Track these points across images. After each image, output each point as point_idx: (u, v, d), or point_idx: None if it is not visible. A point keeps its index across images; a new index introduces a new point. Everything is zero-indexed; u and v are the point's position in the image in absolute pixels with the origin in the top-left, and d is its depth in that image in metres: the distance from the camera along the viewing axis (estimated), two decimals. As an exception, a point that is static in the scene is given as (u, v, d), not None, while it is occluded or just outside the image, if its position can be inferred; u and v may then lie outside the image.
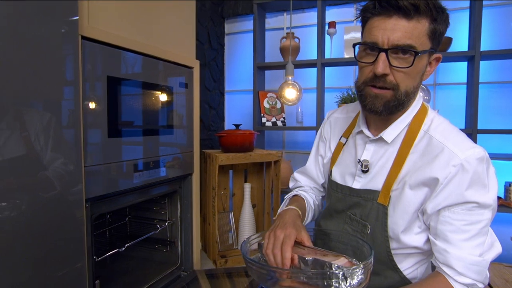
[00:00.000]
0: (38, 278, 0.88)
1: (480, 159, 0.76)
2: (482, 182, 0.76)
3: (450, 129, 0.84)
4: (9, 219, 0.80)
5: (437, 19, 0.76)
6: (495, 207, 0.78)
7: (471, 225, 0.76)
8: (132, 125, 1.21)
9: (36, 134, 0.86)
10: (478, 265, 0.75)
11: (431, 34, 0.77)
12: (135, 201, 1.29)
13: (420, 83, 0.84)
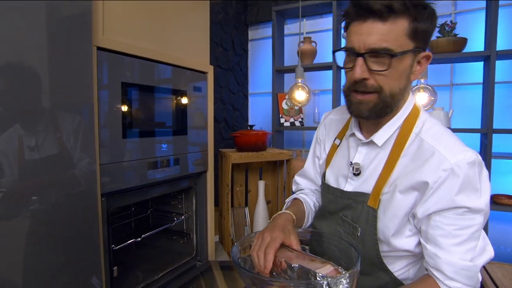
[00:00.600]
0: (60, 261, 0.93)
1: (471, 163, 0.70)
2: (473, 186, 0.70)
3: (441, 132, 0.77)
4: (39, 211, 0.85)
5: (418, 18, 0.70)
6: (487, 211, 0.72)
7: (462, 230, 0.70)
8: (146, 126, 1.23)
9: (56, 136, 0.90)
10: (469, 270, 0.70)
11: (412, 34, 0.70)
12: (150, 196, 1.32)
13: (409, 84, 0.78)
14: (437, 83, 2.32)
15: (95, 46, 1.02)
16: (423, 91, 1.33)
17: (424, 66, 0.78)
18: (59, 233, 0.92)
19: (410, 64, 0.74)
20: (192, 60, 1.44)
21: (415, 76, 0.78)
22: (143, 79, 1.22)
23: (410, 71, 0.76)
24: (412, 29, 0.70)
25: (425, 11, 0.71)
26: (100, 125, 1.04)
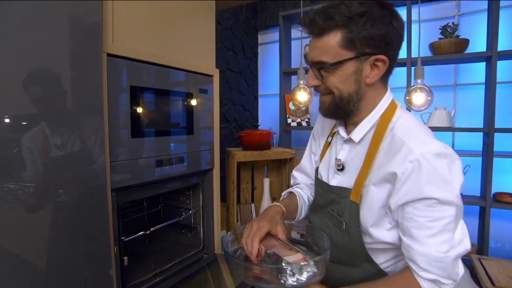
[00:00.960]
0: (75, 250, 0.97)
1: (437, 155, 0.68)
2: (441, 178, 0.68)
3: (412, 126, 0.76)
4: (56, 204, 0.90)
5: (352, 28, 0.71)
6: (460, 204, 0.70)
7: (434, 222, 0.69)
8: (153, 127, 1.27)
9: (71, 135, 0.95)
10: (441, 262, 0.69)
11: (348, 43, 0.72)
12: (158, 192, 1.35)
13: (363, 87, 0.77)
14: (441, 83, 2.28)
15: (105, 53, 1.07)
16: (419, 91, 1.31)
17: (379, 69, 0.76)
18: (73, 224, 0.97)
19: (354, 71, 0.75)
20: (199, 64, 1.47)
21: (372, 79, 0.76)
22: (150, 83, 1.25)
23: (360, 76, 0.76)
24: (347, 39, 0.71)
25: (361, 19, 0.70)
26: (110, 125, 1.08)
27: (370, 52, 0.73)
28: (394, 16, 0.73)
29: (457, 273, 0.71)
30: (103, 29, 1.04)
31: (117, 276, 1.13)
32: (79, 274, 1.00)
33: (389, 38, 0.73)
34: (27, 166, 0.87)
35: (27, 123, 0.87)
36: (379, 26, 0.71)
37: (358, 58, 0.73)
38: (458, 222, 0.72)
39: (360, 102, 0.79)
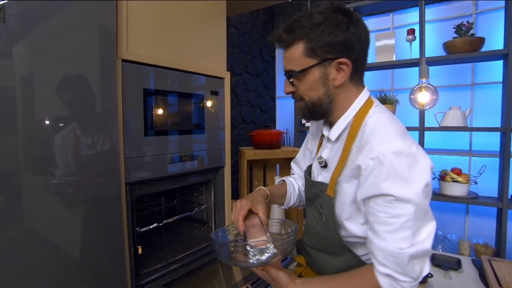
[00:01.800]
0: (94, 238, 1.06)
1: (397, 153, 0.69)
2: (400, 176, 0.68)
3: (380, 124, 0.77)
4: (79, 196, 0.98)
5: (311, 37, 0.75)
6: (419, 203, 0.68)
7: (393, 218, 0.69)
8: (165, 126, 1.33)
9: (89, 135, 1.03)
10: (397, 257, 0.69)
11: (310, 51, 0.76)
12: (170, 186, 1.41)
13: (332, 89, 0.80)
14: (457, 83, 2.19)
15: (120, 59, 1.14)
16: (424, 90, 1.28)
17: (346, 71, 0.78)
18: (91, 215, 1.05)
19: (320, 75, 0.78)
20: (210, 68, 1.53)
21: (339, 81, 0.79)
22: (163, 85, 1.32)
23: (327, 79, 0.79)
24: (309, 49, 0.76)
25: (319, 28, 0.74)
26: (124, 125, 1.15)
27: (331, 57, 0.77)
28: (352, 22, 0.76)
29: (415, 271, 0.70)
30: (117, 37, 1.12)
31: (130, 264, 1.19)
32: (96, 260, 1.08)
33: (348, 42, 0.76)
34: (58, 163, 0.96)
35: (58, 124, 0.96)
36: (336, 33, 0.75)
37: (321, 64, 0.77)
38: (423, 221, 0.70)
39: (332, 103, 0.82)
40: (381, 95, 2.17)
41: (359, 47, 0.78)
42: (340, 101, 0.82)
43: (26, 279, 0.89)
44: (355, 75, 0.81)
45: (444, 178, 2.00)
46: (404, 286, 0.70)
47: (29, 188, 0.90)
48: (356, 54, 0.77)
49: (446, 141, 2.28)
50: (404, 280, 0.70)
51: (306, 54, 0.77)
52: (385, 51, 2.17)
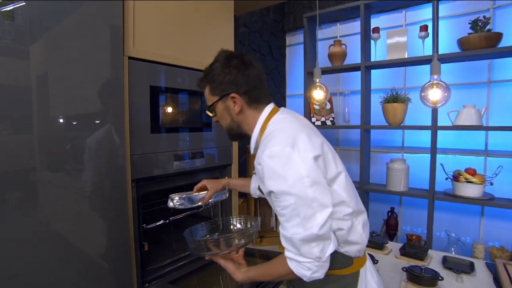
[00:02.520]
0: (102, 233, 1.07)
1: (270, 156, 0.82)
2: (276, 174, 0.81)
3: (269, 133, 0.90)
4: (87, 192, 0.99)
5: (210, 81, 0.98)
6: (299, 193, 0.79)
7: (284, 210, 0.82)
8: (172, 123, 1.33)
9: (96, 131, 1.04)
10: (291, 242, 0.82)
11: (212, 91, 0.99)
12: (177, 184, 1.41)
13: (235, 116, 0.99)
14: (472, 80, 2.11)
15: (127, 56, 1.14)
16: (436, 87, 1.23)
17: (239, 103, 0.96)
18: (98, 210, 1.06)
19: (223, 108, 0.99)
20: (217, 65, 1.52)
21: (237, 110, 0.97)
22: (170, 83, 1.32)
23: (229, 110, 0.98)
24: (211, 89, 0.99)
25: (214, 73, 0.96)
26: (131, 122, 1.16)
27: (226, 93, 0.96)
28: (244, 63, 0.95)
29: (313, 252, 0.80)
30: (124, 35, 1.12)
31: (136, 260, 1.20)
32: (103, 256, 1.08)
33: (235, 81, 0.94)
34: (68, 159, 0.98)
35: (70, 122, 0.98)
36: (226, 75, 0.95)
37: (221, 99, 0.98)
38: (310, 208, 0.80)
39: (241, 126, 1.01)
40: (392, 93, 2.12)
41: (248, 82, 0.95)
42: (246, 124, 1.00)
43: (37, 271, 0.91)
44: (251, 102, 0.97)
45: (457, 179, 1.94)
46: (308, 266, 0.82)
47: (43, 185, 0.92)
48: (245, 88, 0.95)
49: (460, 140, 2.20)
50: (305, 261, 0.81)
51: (211, 93, 1.00)
52: (397, 48, 2.11)
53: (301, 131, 0.87)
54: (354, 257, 0.94)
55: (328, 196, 0.83)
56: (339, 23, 2.71)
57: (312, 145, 0.85)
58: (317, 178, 0.81)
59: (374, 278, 0.98)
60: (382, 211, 2.44)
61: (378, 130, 2.50)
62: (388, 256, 1.57)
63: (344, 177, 0.92)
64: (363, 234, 0.94)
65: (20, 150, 0.87)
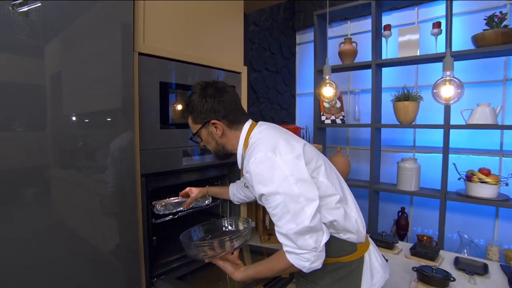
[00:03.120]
0: (112, 227, 1.08)
1: (255, 163, 0.90)
2: (262, 177, 0.89)
3: (252, 143, 0.99)
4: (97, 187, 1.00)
5: (191, 111, 1.06)
6: (286, 191, 0.86)
7: (274, 209, 0.89)
8: (181, 119, 1.33)
9: (107, 126, 1.05)
10: (286, 236, 0.88)
11: (195, 120, 1.07)
12: (186, 180, 1.41)
13: (220, 141, 1.09)
14: (487, 78, 2.06)
15: (137, 52, 1.15)
16: (448, 84, 1.20)
17: (220, 127, 1.06)
18: (110, 206, 1.07)
19: (207, 133, 1.09)
20: (227, 62, 1.52)
21: (219, 134, 1.07)
22: (180, 79, 1.32)
23: (212, 134, 1.08)
24: (193, 118, 1.08)
25: (194, 104, 1.04)
26: (140, 117, 1.16)
27: (206, 120, 1.05)
28: (218, 90, 1.04)
29: (309, 244, 0.86)
30: (134, 31, 1.13)
31: (145, 254, 1.21)
32: (113, 250, 1.09)
33: (213, 108, 1.03)
34: (81, 156, 0.99)
35: (83, 120, 0.99)
36: (202, 105, 1.03)
37: (203, 126, 1.07)
38: (298, 204, 0.86)
39: (226, 147, 1.10)
40: (403, 91, 2.08)
41: (225, 107, 1.04)
42: (230, 144, 1.09)
43: (51, 263, 0.92)
44: (231, 124, 1.06)
45: (471, 179, 1.89)
46: (306, 257, 0.87)
47: (56, 181, 0.93)
48: (223, 113, 1.04)
49: (473, 140, 2.15)
50: (302, 252, 0.87)
51: (193, 122, 1.09)
52: (408, 46, 2.08)
53: (279, 138, 0.96)
54: (357, 243, 0.99)
55: (313, 190, 0.89)
56: (350, 21, 2.68)
57: (291, 148, 0.93)
58: (300, 176, 0.88)
59: (378, 260, 1.03)
60: (392, 212, 2.41)
61: (389, 130, 2.46)
62: (398, 256, 1.55)
63: (324, 168, 0.98)
64: (358, 219, 1.01)
65: (34, 147, 0.88)
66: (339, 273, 0.98)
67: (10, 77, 0.83)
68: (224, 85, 1.08)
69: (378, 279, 1.01)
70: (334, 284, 0.99)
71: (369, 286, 0.99)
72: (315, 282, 1.01)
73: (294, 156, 0.91)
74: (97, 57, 1.01)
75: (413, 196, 2.40)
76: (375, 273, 1.01)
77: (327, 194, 0.95)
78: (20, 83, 0.85)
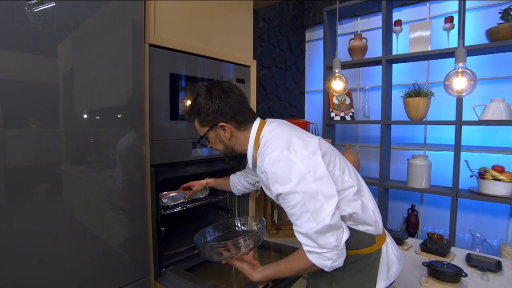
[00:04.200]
0: (117, 220, 1.08)
1: (271, 162, 0.88)
2: (279, 177, 0.86)
3: (264, 143, 0.97)
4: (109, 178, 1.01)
5: (197, 114, 1.04)
6: (304, 190, 0.84)
7: (293, 209, 0.86)
8: (190, 112, 1.34)
9: (117, 116, 1.06)
10: (307, 236, 0.85)
11: (201, 123, 1.05)
12: (196, 172, 1.42)
13: (227, 142, 1.07)
14: (502, 74, 2.02)
15: (148, 44, 1.16)
16: (461, 75, 1.18)
17: (228, 129, 1.04)
18: (119, 196, 1.08)
19: (215, 136, 1.07)
20: (236, 55, 1.52)
21: (227, 136, 1.05)
22: (190, 71, 1.32)
23: (220, 137, 1.06)
24: (199, 121, 1.06)
25: (199, 107, 1.02)
26: (151, 107, 1.17)
27: (214, 123, 1.03)
28: (224, 91, 1.01)
29: (330, 242, 0.84)
30: (145, 22, 1.13)
31: (153, 245, 1.21)
32: (122, 240, 1.10)
33: (220, 110, 1.01)
34: (92, 152, 1.01)
35: (94, 117, 1.00)
36: (208, 107, 1.01)
37: (211, 129, 1.05)
38: (316, 202, 0.84)
39: (235, 149, 1.08)
40: (414, 88, 2.05)
41: (232, 108, 1.01)
42: (239, 145, 1.07)
43: (62, 255, 0.94)
44: (239, 125, 1.04)
45: (483, 176, 1.85)
46: (328, 256, 0.85)
47: (68, 176, 0.94)
48: (230, 114, 1.02)
49: (486, 138, 2.11)
50: (323, 251, 0.85)
51: (201, 125, 1.07)
52: (419, 42, 2.04)
53: (292, 135, 0.94)
54: (376, 235, 0.98)
55: (331, 186, 0.86)
56: (360, 18, 2.66)
57: (306, 144, 0.91)
58: (318, 172, 0.86)
59: (394, 252, 1.02)
60: (401, 210, 2.37)
61: (399, 127, 2.43)
62: (408, 251, 1.52)
63: (339, 161, 0.98)
64: (375, 210, 1.00)
65: (48, 144, 0.90)
66: (357, 265, 0.97)
67: (25, 75, 0.85)
68: (230, 85, 1.06)
69: (394, 270, 1.00)
70: (351, 276, 0.97)
71: (385, 278, 0.98)
72: (331, 274, 0.98)
73: (310, 153, 0.89)
74: (108, 52, 1.02)
75: (423, 195, 2.37)
76: (391, 265, 1.00)
77: (345, 187, 0.94)
78: (34, 82, 0.87)
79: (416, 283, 1.23)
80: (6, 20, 0.81)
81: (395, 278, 1.01)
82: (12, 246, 0.84)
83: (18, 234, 0.85)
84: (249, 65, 1.59)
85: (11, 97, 0.83)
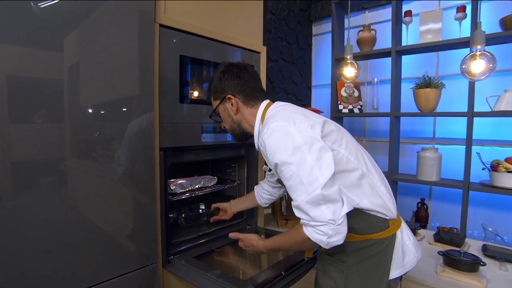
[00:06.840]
0: (126, 205, 1.06)
1: (268, 133, 0.89)
2: (276, 146, 0.86)
3: (269, 117, 0.97)
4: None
5: (211, 88, 1.10)
6: (299, 160, 0.83)
7: (289, 181, 0.85)
8: (200, 95, 1.31)
9: (126, 97, 1.03)
10: (299, 208, 0.84)
11: (213, 96, 1.10)
12: (204, 157, 1.39)
13: (236, 118, 1.08)
14: (513, 65, 1.98)
15: (158, 24, 1.13)
16: (479, 58, 1.14)
17: (235, 102, 1.05)
18: (129, 180, 1.05)
19: (224, 110, 1.09)
20: (246, 41, 1.49)
21: (234, 110, 1.06)
22: (200, 54, 1.30)
23: (228, 111, 1.08)
24: (212, 97, 1.11)
25: (213, 81, 1.08)
26: (160, 89, 1.14)
27: (223, 96, 1.06)
28: (234, 71, 1.05)
29: (325, 215, 0.80)
30: (156, 2, 1.11)
31: (162, 231, 1.18)
32: (130, 226, 1.07)
33: (230, 84, 1.05)
34: (100, 141, 0.98)
35: (100, 110, 0.97)
36: (219, 81, 1.06)
37: (221, 103, 1.08)
38: (311, 174, 0.81)
39: (242, 125, 1.09)
40: (424, 79, 2.02)
41: (241, 83, 1.04)
42: (245, 121, 1.08)
43: (70, 243, 0.91)
44: (247, 100, 1.06)
45: (496, 169, 1.81)
46: (323, 230, 0.81)
47: (75, 165, 0.92)
48: (239, 88, 1.05)
49: (498, 131, 2.06)
50: (318, 224, 0.81)
51: (214, 99, 1.11)
52: (430, 33, 2.00)
53: (297, 113, 0.94)
54: (389, 219, 0.93)
55: (329, 160, 0.84)
56: (368, 11, 2.63)
57: (308, 119, 0.90)
58: (315, 144, 0.84)
59: (410, 239, 0.98)
60: (410, 205, 2.33)
61: (408, 120, 2.39)
62: (421, 242, 1.48)
63: (346, 141, 0.95)
64: (387, 194, 0.96)
65: (53, 138, 0.88)
66: (368, 251, 0.93)
67: (31, 70, 0.83)
68: (246, 64, 1.10)
69: (411, 258, 0.96)
70: (362, 262, 0.93)
71: (400, 266, 0.93)
72: (341, 260, 0.95)
73: (309, 125, 0.88)
74: (118, 35, 0.99)
75: (433, 189, 2.32)
76: (407, 252, 0.95)
77: (349, 169, 0.91)
78: (40, 77, 0.84)
79: (432, 272, 1.19)
80: (12, 15, 0.78)
81: (412, 266, 0.97)
82: (20, 238, 0.82)
83: (27, 224, 0.83)
84: (259, 51, 1.56)
85: (17, 92, 0.80)
